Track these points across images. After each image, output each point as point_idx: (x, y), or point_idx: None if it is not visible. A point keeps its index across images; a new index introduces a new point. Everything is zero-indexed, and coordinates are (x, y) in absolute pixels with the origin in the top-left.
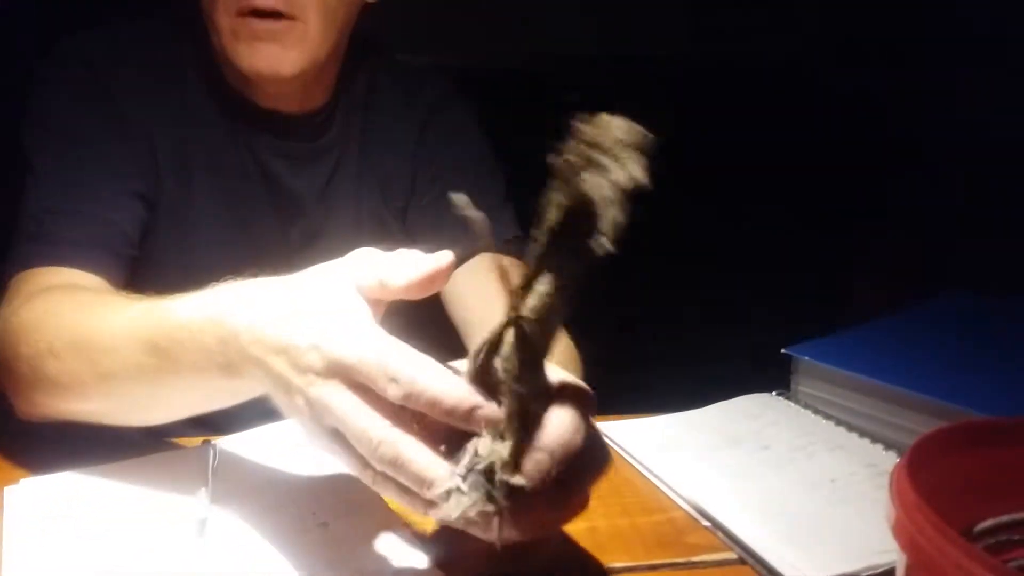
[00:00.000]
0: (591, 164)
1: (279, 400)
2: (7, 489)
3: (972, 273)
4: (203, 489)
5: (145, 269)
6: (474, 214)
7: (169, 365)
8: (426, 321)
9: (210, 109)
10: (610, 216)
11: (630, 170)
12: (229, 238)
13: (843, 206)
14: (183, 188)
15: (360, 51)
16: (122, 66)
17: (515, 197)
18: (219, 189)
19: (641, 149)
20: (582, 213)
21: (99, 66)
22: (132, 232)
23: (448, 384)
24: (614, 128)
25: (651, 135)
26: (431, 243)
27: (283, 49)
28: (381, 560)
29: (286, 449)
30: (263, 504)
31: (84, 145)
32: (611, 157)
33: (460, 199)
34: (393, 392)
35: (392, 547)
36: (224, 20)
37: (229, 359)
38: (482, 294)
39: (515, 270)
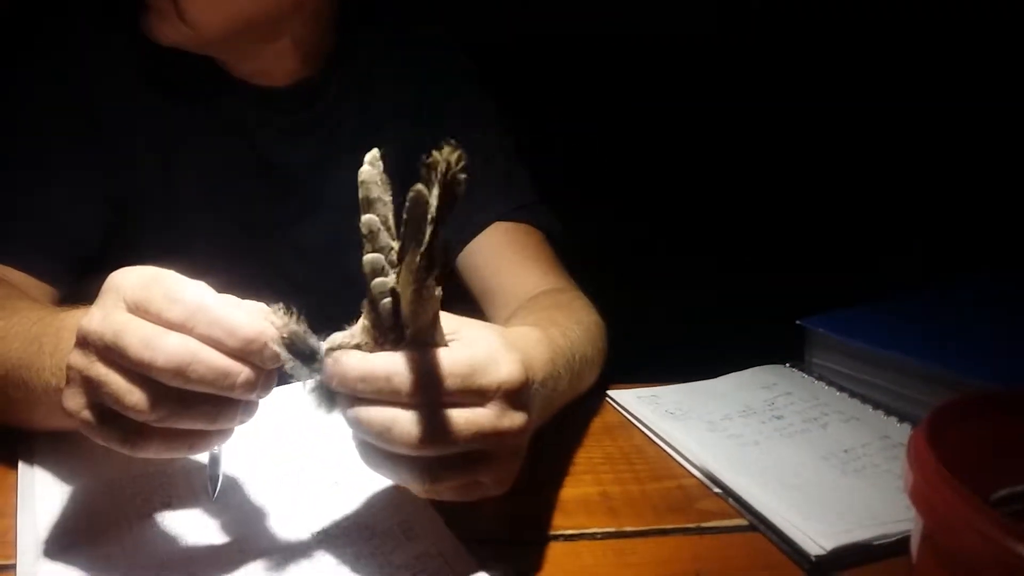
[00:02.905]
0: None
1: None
2: (22, 446)
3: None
4: (215, 448)
5: (136, 256)
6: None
7: (43, 363)
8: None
9: (193, 90)
10: (425, 231)
11: (432, 201)
12: (220, 215)
13: (863, 179)
14: (167, 172)
15: (361, 21)
16: (101, 56)
17: (532, 168)
18: (207, 168)
19: (448, 184)
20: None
21: (77, 58)
22: (86, 235)
23: (237, 309)
24: (441, 163)
25: (463, 175)
26: None
27: (158, 20)
28: (392, 518)
29: (300, 410)
30: (275, 463)
31: (46, 146)
32: (434, 186)
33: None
34: (174, 313)
35: (403, 505)
36: None
37: None
38: (499, 263)
39: (529, 238)
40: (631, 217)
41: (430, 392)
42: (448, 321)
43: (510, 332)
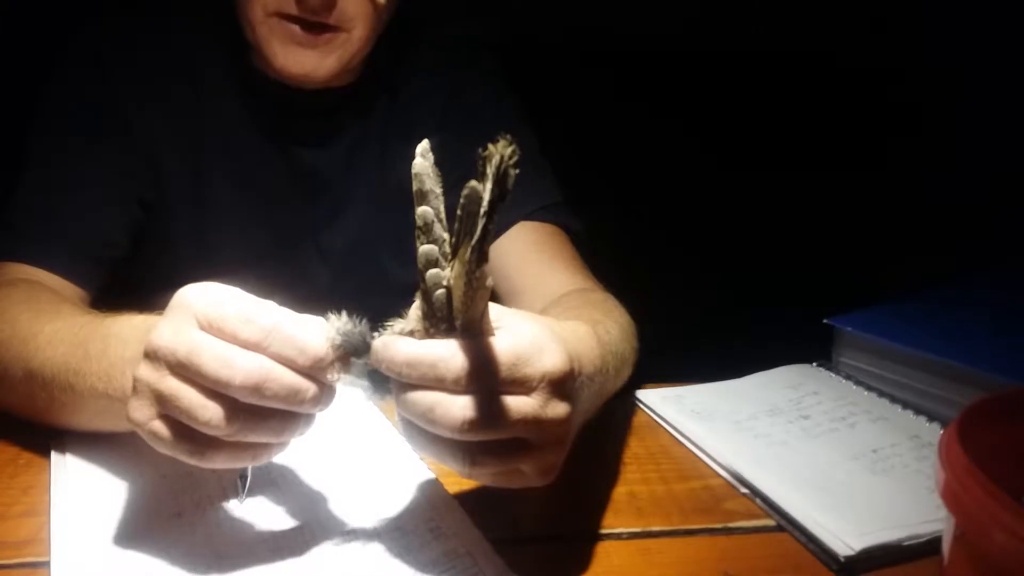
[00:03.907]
0: (484, 177)
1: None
2: (54, 447)
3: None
4: None
5: (165, 258)
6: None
7: (90, 368)
8: None
9: (225, 94)
10: (477, 224)
11: (485, 195)
12: (249, 219)
13: (886, 175)
14: (197, 176)
15: (390, 25)
16: (132, 60)
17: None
18: (237, 171)
19: (501, 178)
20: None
21: (108, 62)
22: (116, 237)
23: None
24: (495, 156)
25: (515, 170)
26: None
27: (321, 56)
28: (420, 517)
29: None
30: (304, 460)
31: (78, 149)
32: (488, 179)
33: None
34: (249, 333)
35: (431, 505)
36: (258, 16)
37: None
38: (525, 263)
39: (554, 238)
40: (656, 217)
41: (475, 381)
42: (495, 310)
43: (558, 325)
